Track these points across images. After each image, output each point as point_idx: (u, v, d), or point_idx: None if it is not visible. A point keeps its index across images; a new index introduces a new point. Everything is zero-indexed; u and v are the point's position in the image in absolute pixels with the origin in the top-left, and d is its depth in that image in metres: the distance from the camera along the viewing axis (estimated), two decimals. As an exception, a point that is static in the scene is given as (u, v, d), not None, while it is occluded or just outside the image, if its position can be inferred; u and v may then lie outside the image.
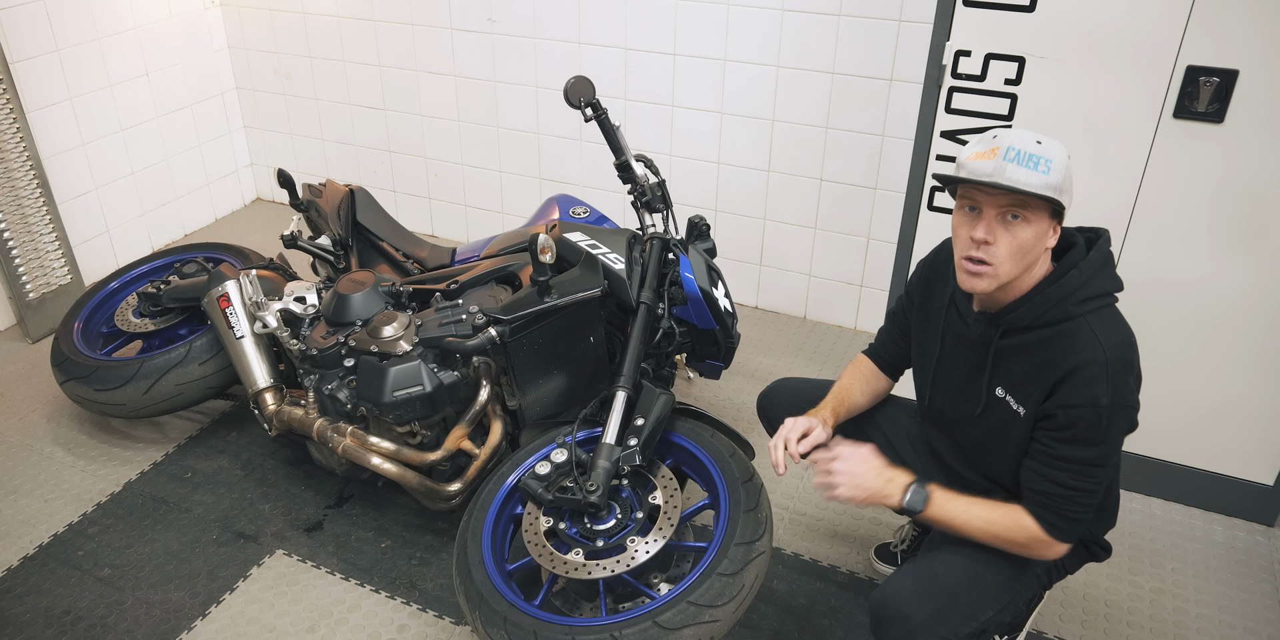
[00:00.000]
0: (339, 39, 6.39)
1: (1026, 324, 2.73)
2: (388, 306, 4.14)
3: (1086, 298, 2.68)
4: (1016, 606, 2.94)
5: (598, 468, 3.36)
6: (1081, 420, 2.62)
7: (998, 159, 2.58)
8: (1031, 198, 2.56)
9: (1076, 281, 2.68)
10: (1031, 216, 2.59)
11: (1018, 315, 2.72)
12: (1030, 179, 2.55)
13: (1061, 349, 2.66)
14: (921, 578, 2.87)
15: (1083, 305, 2.68)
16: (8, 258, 5.44)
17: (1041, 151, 2.58)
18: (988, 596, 2.85)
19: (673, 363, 4.37)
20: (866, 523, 4.21)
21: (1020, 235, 2.61)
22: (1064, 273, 2.70)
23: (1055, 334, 2.69)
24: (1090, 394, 2.60)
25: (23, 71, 5.53)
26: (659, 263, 3.98)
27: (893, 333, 3.35)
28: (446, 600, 3.86)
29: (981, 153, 2.63)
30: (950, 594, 2.82)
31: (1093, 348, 2.62)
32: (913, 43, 4.73)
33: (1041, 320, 2.70)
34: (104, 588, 3.94)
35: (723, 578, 3.05)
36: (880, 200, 5.17)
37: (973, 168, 2.63)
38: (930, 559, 2.95)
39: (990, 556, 2.90)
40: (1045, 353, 2.70)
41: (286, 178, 4.65)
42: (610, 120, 4.11)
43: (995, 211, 2.62)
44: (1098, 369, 2.60)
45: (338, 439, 4.00)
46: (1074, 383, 2.62)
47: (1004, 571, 2.90)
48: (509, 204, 6.39)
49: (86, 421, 4.95)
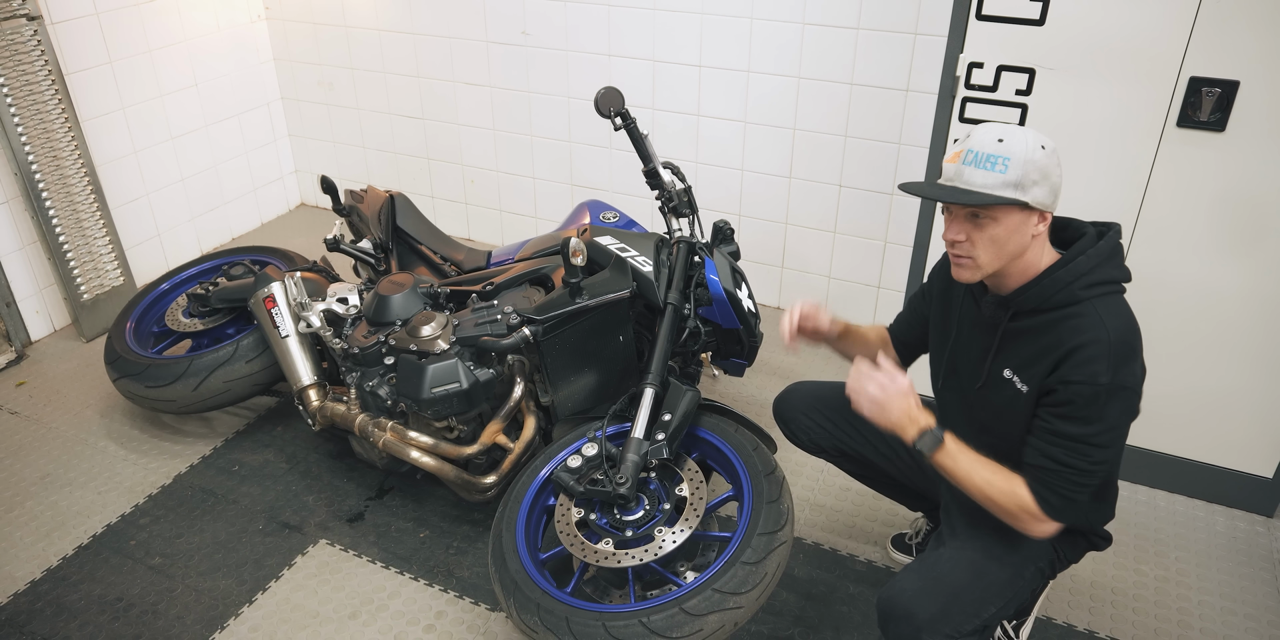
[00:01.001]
0: (380, 51, 6.38)
1: (1034, 306, 2.73)
2: (426, 307, 4.13)
3: (1093, 283, 2.69)
4: (1020, 599, 2.92)
5: (627, 461, 3.37)
6: (1079, 396, 2.62)
7: (958, 163, 2.62)
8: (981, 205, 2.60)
9: (1084, 267, 2.69)
10: (997, 214, 2.61)
11: (1025, 298, 2.73)
12: (986, 180, 2.57)
13: (1067, 330, 2.67)
14: (927, 577, 2.87)
15: (1089, 290, 2.68)
16: (63, 260, 5.46)
17: (1000, 150, 2.58)
18: (991, 593, 2.84)
19: (698, 361, 4.37)
20: (884, 514, 4.20)
21: (990, 231, 2.63)
22: (1072, 258, 2.71)
23: (1062, 317, 2.70)
24: (1090, 371, 2.60)
25: (78, 83, 5.55)
26: (685, 265, 3.97)
27: (908, 316, 3.37)
28: (482, 587, 3.87)
29: (954, 155, 2.66)
30: (954, 592, 2.81)
31: (1097, 328, 2.63)
32: (928, 55, 4.71)
33: (1049, 303, 2.71)
34: (155, 576, 3.96)
35: (746, 566, 3.06)
36: (896, 205, 5.15)
37: (945, 171, 2.67)
38: (936, 557, 2.95)
39: (994, 554, 2.90)
40: (1051, 334, 2.70)
41: (329, 184, 4.65)
42: (639, 129, 4.09)
43: (962, 212, 2.66)
44: (1100, 348, 2.60)
45: (378, 434, 4.02)
46: (1075, 360, 2.63)
47: (1008, 568, 2.89)
48: (542, 209, 6.37)
49: (138, 417, 4.96)
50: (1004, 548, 2.93)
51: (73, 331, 5.75)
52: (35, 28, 5.09)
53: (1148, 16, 3.46)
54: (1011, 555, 2.92)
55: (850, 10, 4.83)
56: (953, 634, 2.76)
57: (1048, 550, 2.98)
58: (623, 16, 5.43)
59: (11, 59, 5.01)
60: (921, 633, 2.75)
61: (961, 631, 2.77)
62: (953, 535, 3.02)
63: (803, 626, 3.67)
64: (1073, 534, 3.03)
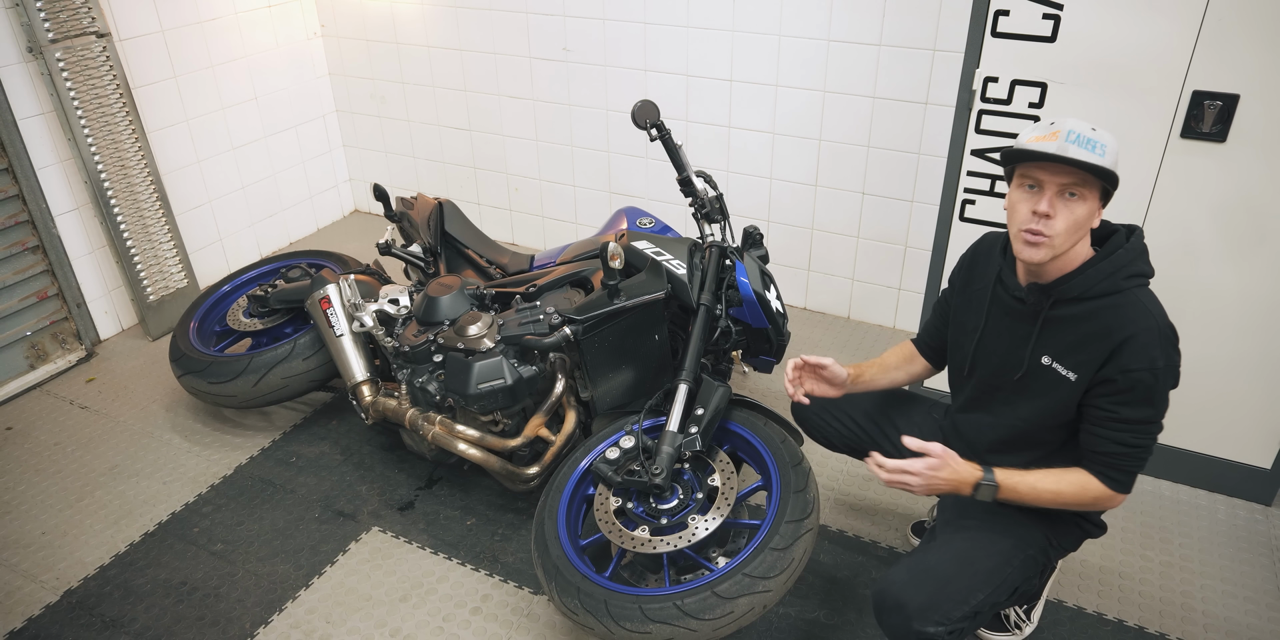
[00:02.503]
0: (429, 66, 6.39)
1: (1077, 294, 2.76)
2: (473, 308, 4.17)
3: (1132, 275, 2.72)
4: (1012, 585, 2.92)
5: (662, 453, 3.40)
6: (1141, 383, 2.66)
7: (1060, 141, 2.62)
8: (1091, 177, 2.61)
9: (1124, 259, 2.72)
10: (1087, 195, 2.64)
11: (1070, 286, 2.76)
12: (1091, 159, 2.59)
13: (1114, 319, 2.69)
14: (915, 569, 2.88)
15: (1129, 280, 2.72)
16: (130, 263, 5.50)
17: (1097, 137, 2.62)
18: (979, 581, 2.85)
19: (729, 358, 4.36)
20: (903, 503, 4.21)
21: (1076, 211, 2.65)
22: (1112, 251, 2.74)
23: (1104, 305, 2.72)
24: (1148, 358, 2.65)
25: (144, 96, 5.59)
26: (717, 268, 3.97)
27: (935, 320, 3.35)
28: (526, 572, 3.90)
29: (1043, 136, 2.66)
30: (942, 581, 2.82)
31: (1145, 317, 2.67)
32: (946, 70, 4.72)
33: (1092, 292, 2.73)
34: (217, 561, 4.01)
35: (775, 552, 3.09)
36: (916, 212, 5.17)
37: (1036, 148, 2.66)
38: (926, 550, 2.97)
39: (980, 542, 2.93)
40: (1096, 322, 2.72)
41: (381, 192, 4.68)
42: (673, 139, 4.08)
43: (1056, 188, 2.65)
44: (1152, 336, 2.65)
45: (428, 427, 4.05)
46: (1132, 349, 2.66)
47: (994, 557, 2.91)
48: (582, 215, 6.37)
49: (201, 411, 5.00)
50: (991, 537, 2.95)
51: (139, 331, 5.78)
52: (104, 44, 5.13)
53: (1153, 34, 3.48)
54: (998, 544, 2.93)
55: (873, 28, 4.84)
56: (942, 621, 2.77)
57: (1038, 538, 2.99)
58: (658, 34, 5.44)
59: (82, 74, 5.05)
60: (912, 622, 2.77)
61: (951, 618, 2.77)
62: (944, 527, 3.05)
63: (828, 609, 3.67)
64: (1066, 523, 3.04)
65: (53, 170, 5.19)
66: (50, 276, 5.33)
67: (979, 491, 2.83)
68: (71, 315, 5.45)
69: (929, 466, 2.80)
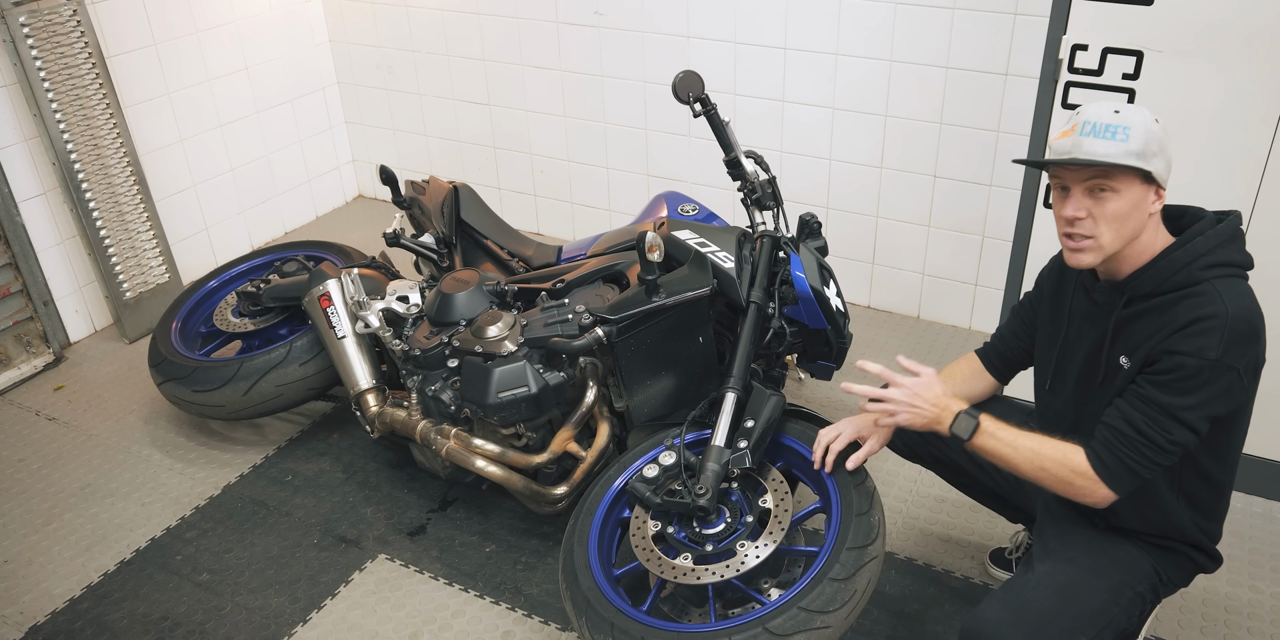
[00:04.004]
0: (443, 32, 6.44)
1: (1151, 289, 2.78)
2: (492, 306, 4.19)
3: (1213, 264, 2.73)
4: (1118, 627, 2.90)
5: (707, 470, 3.38)
6: (1182, 368, 2.67)
7: (1075, 135, 2.69)
8: (1110, 168, 2.66)
9: (1202, 247, 2.74)
10: (1119, 186, 2.68)
11: (1141, 281, 2.79)
12: (1109, 150, 2.65)
13: (1184, 308, 2.71)
14: (1011, 606, 2.86)
15: (1209, 271, 2.73)
16: (105, 256, 5.57)
17: (1119, 120, 2.67)
18: (1082, 622, 2.82)
19: (783, 363, 4.39)
20: (982, 526, 4.22)
21: (1111, 206, 2.70)
22: (1189, 239, 2.77)
23: (1179, 297, 2.74)
24: (1200, 344, 2.65)
25: (120, 66, 5.65)
26: (769, 261, 4.00)
27: (1014, 325, 3.37)
28: (552, 606, 3.92)
29: (1064, 131, 2.74)
30: (1042, 622, 2.80)
31: (1215, 304, 2.67)
32: (1028, 36, 4.74)
33: (1166, 285, 2.76)
34: (202, 593, 4.04)
35: (835, 583, 3.06)
36: (995, 197, 5.19)
37: (1055, 146, 2.75)
38: (1022, 584, 2.95)
39: (1085, 579, 2.92)
40: (1168, 315, 2.74)
41: (389, 174, 4.73)
42: (719, 115, 4.14)
43: (1081, 187, 2.72)
44: (1216, 323, 2.65)
45: (441, 441, 4.07)
46: (1188, 332, 2.67)
47: (1101, 594, 2.89)
48: (616, 201, 6.42)
49: (184, 423, 5.04)
50: (1097, 572, 2.95)
51: (114, 332, 5.85)
52: (74, 8, 5.20)
53: (1272, -8, 3.49)
54: (1105, 580, 2.93)
55: (947, -13, 4.90)
56: None
57: (1148, 573, 2.99)
58: (703, -6, 5.51)
59: (49, 41, 5.11)
60: None
61: None
62: (1043, 557, 3.04)
63: (895, 649, 3.72)
64: (1177, 554, 3.04)
65: (16, 150, 5.28)
66: (13, 271, 5.41)
67: (957, 423, 2.91)
68: (37, 314, 5.53)
69: (917, 385, 2.95)
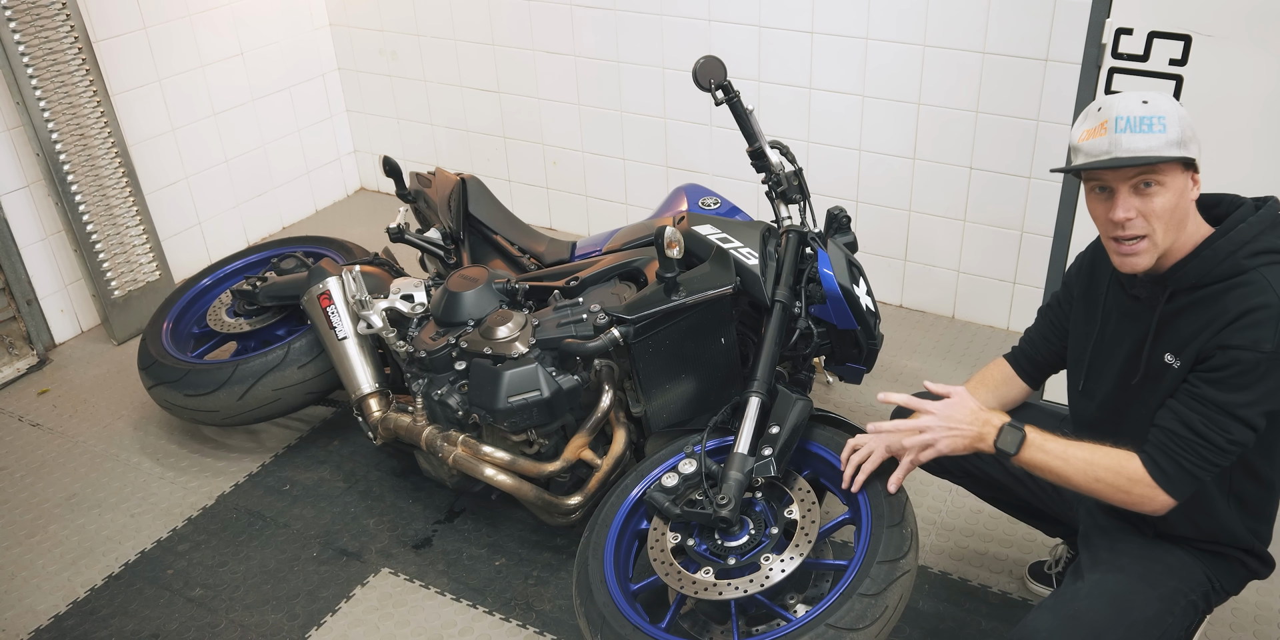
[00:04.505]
0: (449, 15, 6.45)
1: (1195, 281, 2.76)
2: (502, 305, 4.18)
3: (1259, 251, 2.71)
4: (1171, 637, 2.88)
5: (729, 479, 3.38)
6: (1238, 363, 2.65)
7: (1109, 133, 2.66)
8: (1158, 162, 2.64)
9: (1246, 235, 2.72)
10: (1165, 179, 2.67)
11: (1186, 273, 2.77)
12: (1150, 143, 2.62)
13: (1233, 299, 2.69)
14: (1063, 616, 2.85)
15: (1255, 258, 2.71)
16: (92, 253, 5.57)
17: (1151, 111, 2.64)
18: (1135, 632, 2.81)
19: (810, 366, 4.39)
20: (1020, 539, 4.20)
21: (1159, 201, 2.68)
22: (1232, 227, 2.75)
23: (1226, 288, 2.72)
24: (1254, 336, 2.63)
25: (107, 51, 5.66)
26: (795, 258, 3.99)
27: (1043, 328, 3.37)
28: (566, 622, 3.91)
29: (1092, 130, 2.71)
30: (1095, 632, 2.78)
31: (1266, 293, 2.65)
32: (1070, 19, 4.71)
33: (1211, 276, 2.74)
34: (195, 609, 4.04)
35: (864, 598, 3.04)
36: (1035, 190, 5.17)
37: (1087, 148, 2.71)
38: (1073, 592, 2.95)
39: (1138, 588, 2.90)
40: (1216, 307, 2.72)
41: (393, 166, 4.74)
42: (743, 104, 4.14)
43: (1126, 186, 2.69)
44: (1269, 312, 2.63)
45: (448, 448, 4.06)
46: (1240, 324, 2.65)
47: (1155, 603, 2.87)
48: (633, 194, 6.42)
49: (176, 429, 5.05)
50: (1150, 580, 2.93)
51: (102, 333, 5.86)
52: (61, -10, 5.23)
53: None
54: (1158, 588, 2.91)
55: (984, -33, 4.88)
56: None
57: (1201, 580, 2.98)
58: (725, -25, 5.51)
59: (33, 25, 5.12)
60: None
61: None
62: (1092, 566, 3.03)
63: (929, 668, 3.71)
64: (1229, 560, 3.03)
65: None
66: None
67: (1002, 438, 2.88)
68: (20, 314, 5.54)
69: (948, 406, 2.93)
